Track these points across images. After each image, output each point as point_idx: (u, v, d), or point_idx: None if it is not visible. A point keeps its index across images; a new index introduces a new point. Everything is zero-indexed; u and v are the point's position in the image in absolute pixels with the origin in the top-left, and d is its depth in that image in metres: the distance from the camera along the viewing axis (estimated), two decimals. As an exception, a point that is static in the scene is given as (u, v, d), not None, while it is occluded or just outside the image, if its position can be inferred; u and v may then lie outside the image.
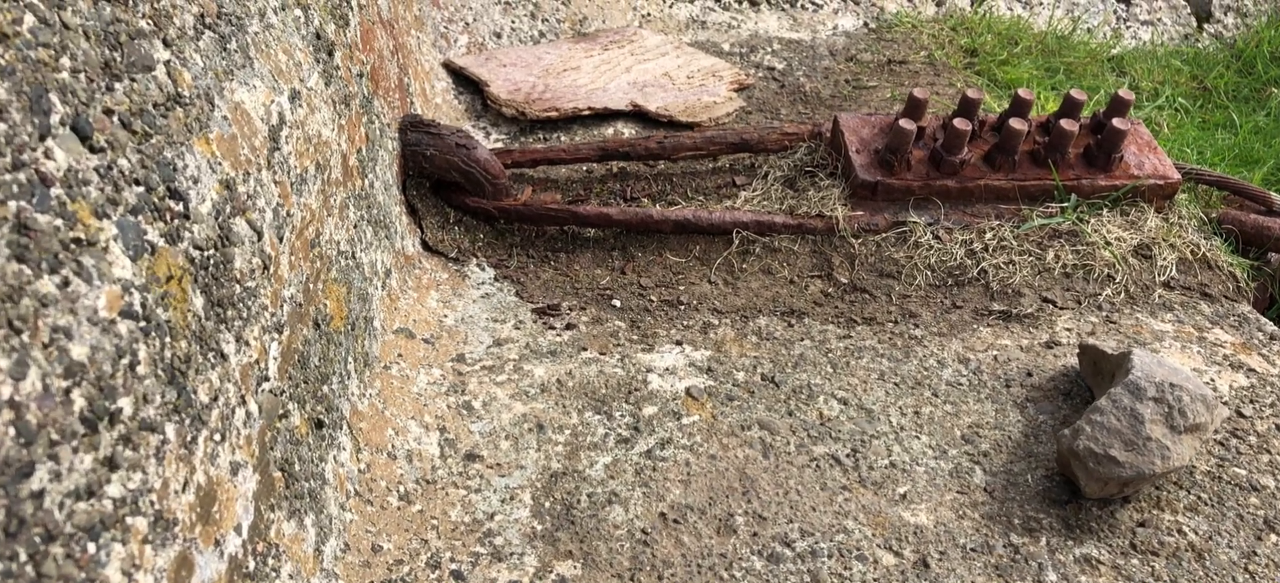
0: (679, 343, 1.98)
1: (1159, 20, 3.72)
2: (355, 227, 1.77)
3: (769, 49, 3.27)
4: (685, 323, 2.06)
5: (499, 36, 3.08)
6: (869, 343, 2.00)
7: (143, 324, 0.98)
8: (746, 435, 1.72)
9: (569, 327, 2.01)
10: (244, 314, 1.23)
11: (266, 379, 1.28)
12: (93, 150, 1.01)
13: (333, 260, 1.61)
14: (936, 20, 3.58)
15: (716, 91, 2.90)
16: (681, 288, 2.17)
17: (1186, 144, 3.02)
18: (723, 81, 2.97)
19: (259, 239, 1.31)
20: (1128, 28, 3.69)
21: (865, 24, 3.53)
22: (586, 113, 2.71)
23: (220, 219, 1.22)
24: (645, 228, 2.25)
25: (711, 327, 2.04)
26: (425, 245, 2.19)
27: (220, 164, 1.25)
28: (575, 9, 3.24)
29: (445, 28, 2.97)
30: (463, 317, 2.00)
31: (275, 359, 1.32)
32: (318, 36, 1.77)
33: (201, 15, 1.35)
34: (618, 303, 2.11)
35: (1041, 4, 3.71)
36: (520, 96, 2.72)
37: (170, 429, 0.99)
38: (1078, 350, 1.89)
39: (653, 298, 2.13)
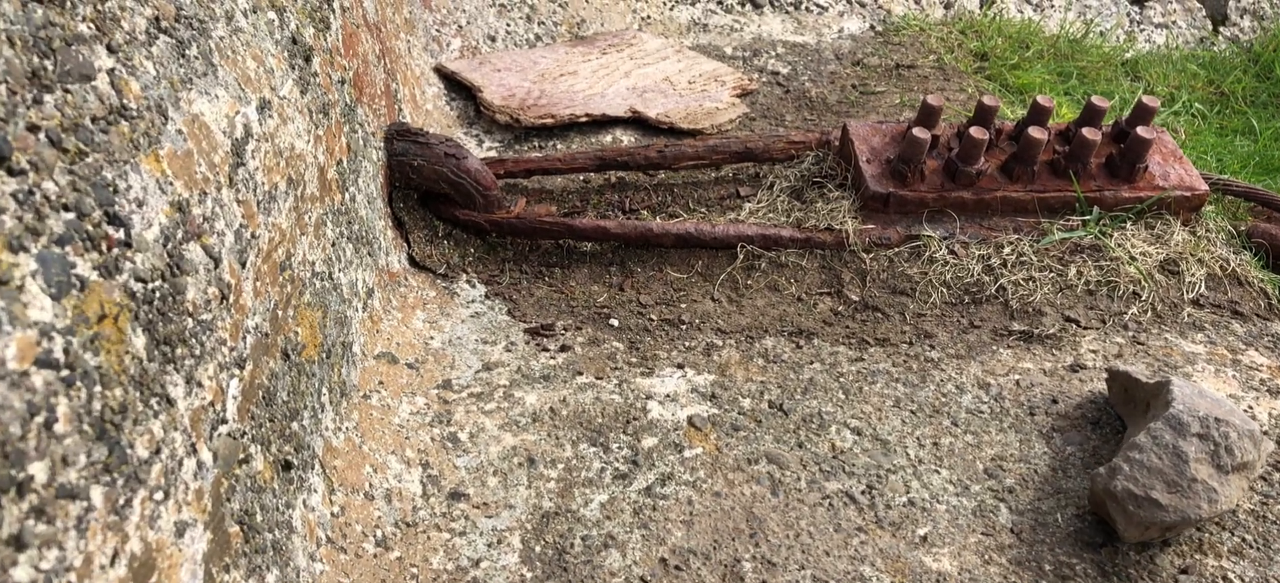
0: (680, 366, 1.84)
1: (1174, 23, 3.58)
2: (333, 245, 1.63)
3: (773, 53, 3.13)
4: (687, 344, 1.92)
5: (493, 40, 2.94)
6: (883, 366, 1.86)
7: (64, 374, 0.84)
8: (753, 470, 1.58)
9: (563, 349, 1.87)
10: (197, 351, 1.09)
11: (223, 422, 1.14)
12: (10, 173, 0.87)
13: (306, 283, 1.47)
14: (945, 23, 3.44)
15: (719, 97, 2.77)
16: (683, 306, 2.03)
17: (1205, 151, 2.88)
18: (725, 87, 2.83)
19: (216, 266, 1.17)
20: (1141, 31, 3.55)
21: (871, 27, 3.39)
22: (584, 119, 2.57)
23: (170, 246, 1.08)
24: (645, 242, 2.11)
25: (715, 348, 1.90)
26: (412, 261, 2.05)
27: (172, 184, 1.11)
28: (572, 11, 3.10)
29: (437, 31, 2.83)
30: (450, 338, 1.86)
31: (235, 399, 1.18)
32: (294, 41, 1.63)
33: (156, 18, 1.21)
34: (615, 322, 1.97)
35: (1053, 6, 3.57)
36: (515, 102, 2.58)
37: (97, 494, 0.86)
38: (1106, 376, 1.75)
39: (652, 317, 2.00)
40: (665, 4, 3.24)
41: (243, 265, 1.23)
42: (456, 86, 2.72)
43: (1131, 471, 1.39)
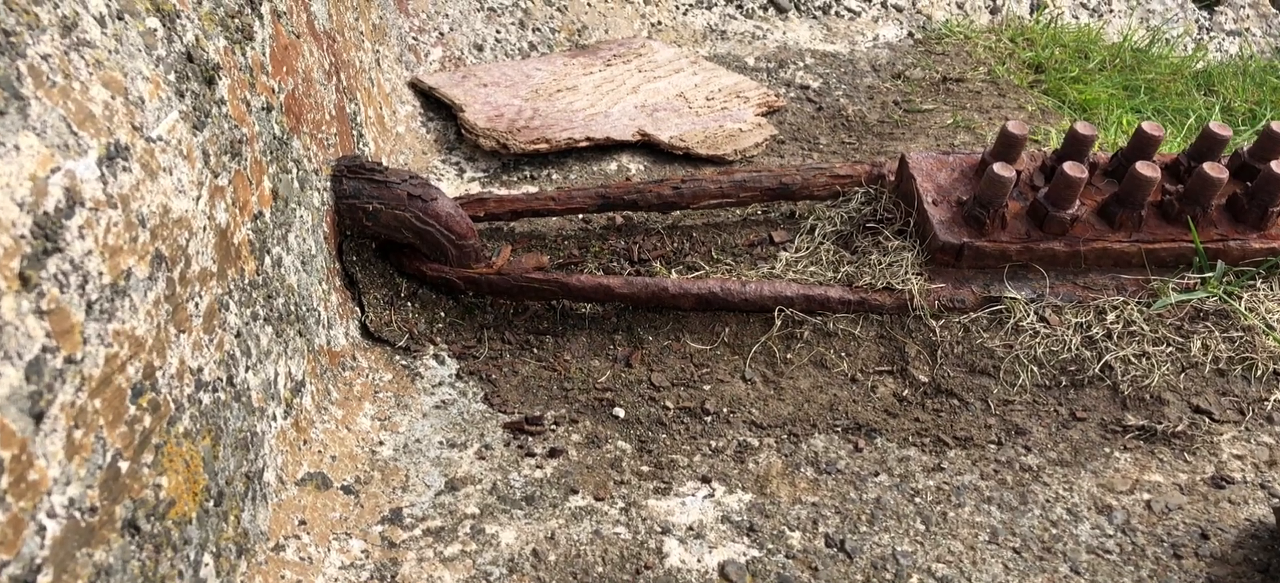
0: (706, 480, 1.37)
1: (1247, 30, 3.09)
2: (238, 335, 1.16)
3: (801, 63, 2.65)
4: (714, 443, 1.45)
5: (480, 49, 2.46)
6: (968, 479, 1.38)
7: None
8: (812, 651, 1.11)
9: (554, 453, 1.40)
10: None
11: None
12: None
13: (182, 406, 1.00)
14: (992, 30, 2.96)
15: (742, 116, 2.29)
16: (707, 388, 1.56)
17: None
18: (749, 104, 2.35)
19: (-22, 431, 0.70)
20: (1212, 39, 3.06)
21: (910, 34, 2.90)
22: (584, 144, 2.10)
23: None
24: (658, 303, 1.64)
25: (750, 451, 1.43)
26: (366, 331, 1.58)
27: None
28: (572, 16, 2.63)
29: (414, 39, 2.36)
30: (407, 441, 1.39)
31: (12, 641, 0.71)
32: (188, 58, 1.16)
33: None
34: (621, 412, 1.50)
35: (1112, 11, 3.08)
36: (502, 124, 2.11)
37: None
38: (1274, 508, 1.28)
39: (668, 404, 1.52)
40: (678, 8, 2.76)
41: (40, 419, 0.76)
42: (436, 105, 2.24)
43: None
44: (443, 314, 1.65)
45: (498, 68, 2.35)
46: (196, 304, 1.06)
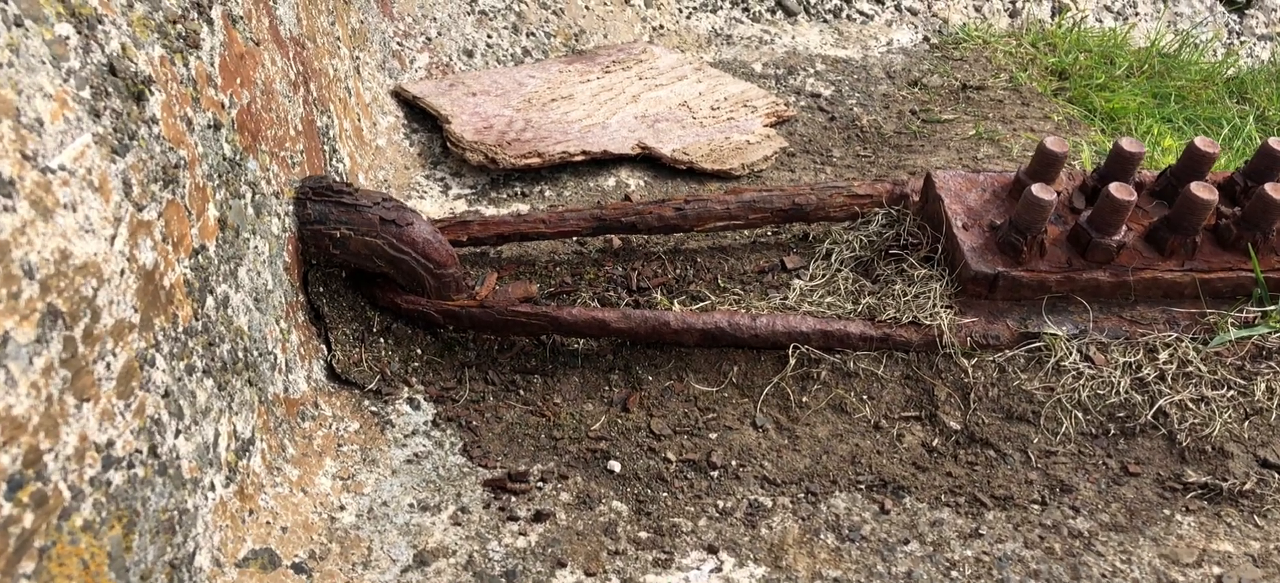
0: (712, 549, 1.18)
1: (1279, 35, 2.89)
2: (166, 395, 0.97)
3: (811, 70, 2.46)
4: (721, 503, 1.26)
5: (470, 55, 2.27)
6: (1011, 548, 1.20)
7: None
8: None
9: (540, 516, 1.21)
10: None
11: None
12: None
13: (81, 494, 0.81)
14: (1011, 34, 2.77)
15: (749, 127, 2.10)
16: (713, 436, 1.37)
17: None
18: (757, 113, 2.17)
19: None
20: (1243, 43, 2.87)
21: (925, 39, 2.71)
22: (579, 158, 1.92)
23: None
24: (659, 339, 1.45)
25: (762, 513, 1.24)
26: (333, 372, 1.39)
27: None
28: (569, 20, 2.44)
29: (399, 44, 2.17)
30: (372, 505, 1.20)
31: None
32: (110, 71, 0.98)
33: None
34: (617, 466, 1.32)
35: (1138, 15, 2.89)
36: (491, 137, 1.92)
37: None
38: (1372, 586, 1.09)
39: (670, 455, 1.34)
40: (681, 11, 2.57)
41: None
42: (421, 116, 2.06)
43: None
44: (419, 352, 1.46)
45: (488, 75, 2.17)
46: (108, 365, 0.88)
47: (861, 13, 2.72)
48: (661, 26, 2.53)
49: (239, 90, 1.27)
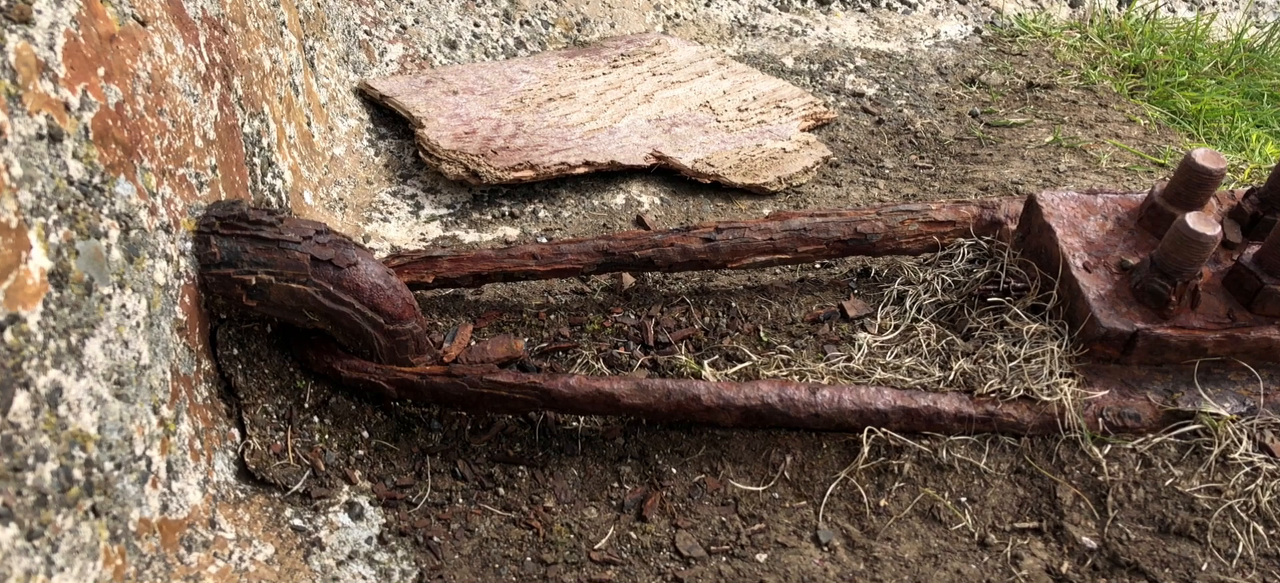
0: None
1: (1375, 26, 2.49)
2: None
3: (850, 65, 2.07)
4: (777, 666, 0.87)
5: (453, 46, 1.88)
6: None
7: None
8: None
9: (523, 696, 0.82)
10: None
11: None
12: None
13: None
14: (1073, 25, 2.37)
15: (785, 132, 1.71)
16: (762, 559, 0.98)
17: None
18: (793, 116, 1.77)
19: None
20: (1336, 36, 2.46)
21: (976, 30, 2.32)
22: (581, 170, 1.52)
23: None
24: (686, 418, 1.06)
25: (837, 685, 0.85)
26: (245, 469, 1.00)
27: None
28: (570, 6, 2.04)
29: (367, 33, 1.78)
30: (281, 685, 0.81)
31: None
32: None
33: None
34: (632, 605, 0.93)
35: (1216, 4, 2.49)
36: (474, 144, 1.53)
37: None
38: None
39: (704, 587, 0.95)
40: (699, -3, 2.18)
41: None
42: (390, 118, 1.67)
43: None
44: (366, 435, 1.07)
45: (473, 70, 1.77)
46: None
47: (903, 1, 2.32)
48: (677, 14, 2.14)
49: (100, 85, 0.88)
